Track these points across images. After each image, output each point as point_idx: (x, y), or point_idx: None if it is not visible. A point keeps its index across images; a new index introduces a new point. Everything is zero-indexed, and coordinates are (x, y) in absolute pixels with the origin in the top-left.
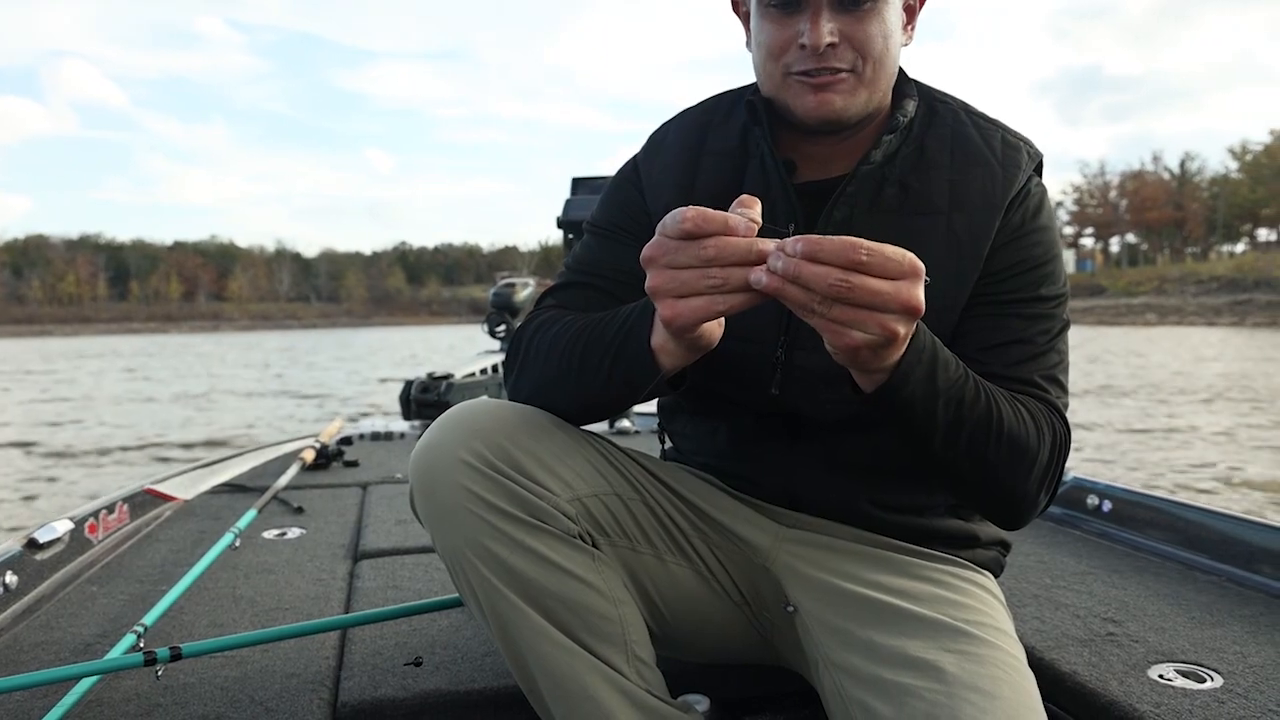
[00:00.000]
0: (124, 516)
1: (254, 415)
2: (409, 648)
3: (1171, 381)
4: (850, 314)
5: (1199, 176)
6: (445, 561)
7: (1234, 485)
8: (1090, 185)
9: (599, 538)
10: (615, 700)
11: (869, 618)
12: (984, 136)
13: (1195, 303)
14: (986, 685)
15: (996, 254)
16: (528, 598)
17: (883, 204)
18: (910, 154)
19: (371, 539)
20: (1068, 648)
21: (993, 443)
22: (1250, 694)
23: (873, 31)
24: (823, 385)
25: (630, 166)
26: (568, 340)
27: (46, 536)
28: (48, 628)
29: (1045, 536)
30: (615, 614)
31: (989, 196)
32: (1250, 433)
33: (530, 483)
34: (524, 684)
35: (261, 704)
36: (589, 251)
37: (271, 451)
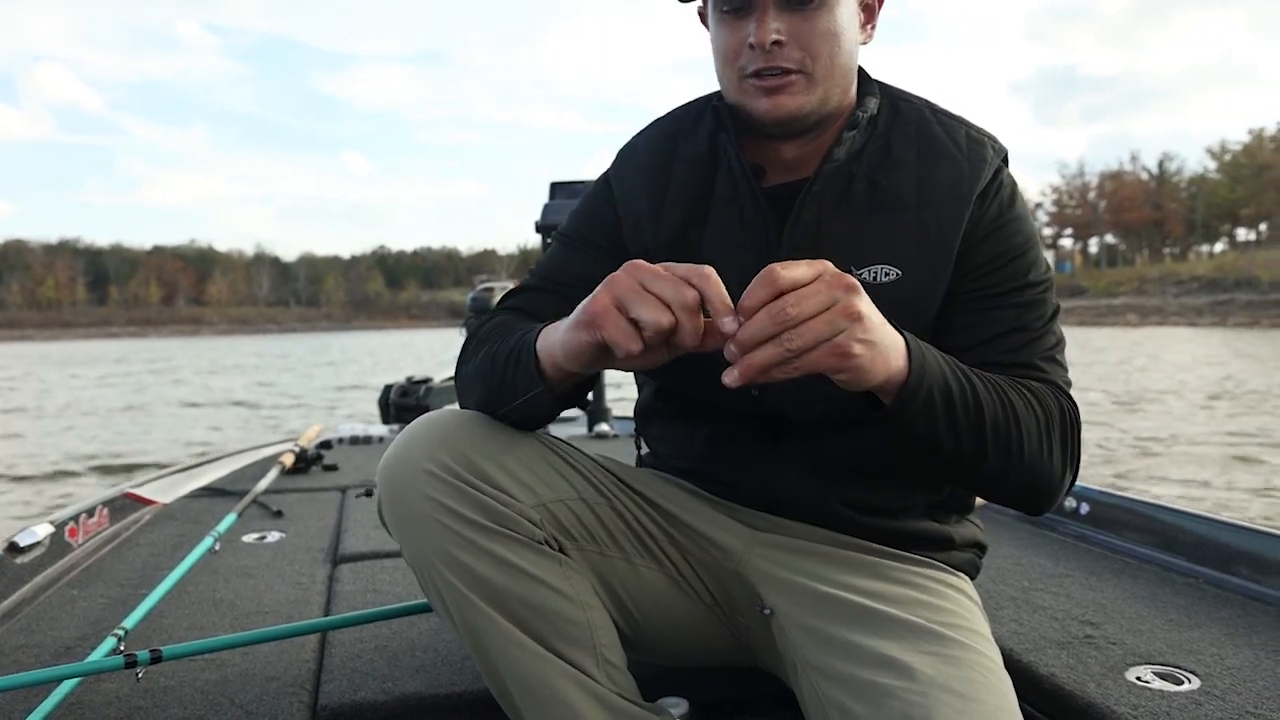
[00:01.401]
0: (104, 520)
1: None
2: (389, 651)
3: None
4: (810, 335)
5: (1178, 177)
6: (414, 570)
7: (1213, 488)
8: (1069, 186)
9: (566, 543)
10: (586, 704)
11: (845, 619)
12: (949, 132)
13: (1176, 303)
14: (962, 687)
15: (977, 248)
16: (495, 604)
17: (851, 201)
18: (877, 151)
19: (351, 543)
20: (1045, 650)
21: (1014, 428)
22: (1227, 696)
23: (820, 29)
24: (802, 385)
25: (602, 180)
26: (488, 356)
27: (27, 540)
28: (28, 631)
29: (1023, 539)
30: (583, 618)
31: (956, 190)
32: (1235, 433)
33: (495, 490)
34: (495, 689)
35: (242, 707)
36: (554, 259)
37: (251, 455)
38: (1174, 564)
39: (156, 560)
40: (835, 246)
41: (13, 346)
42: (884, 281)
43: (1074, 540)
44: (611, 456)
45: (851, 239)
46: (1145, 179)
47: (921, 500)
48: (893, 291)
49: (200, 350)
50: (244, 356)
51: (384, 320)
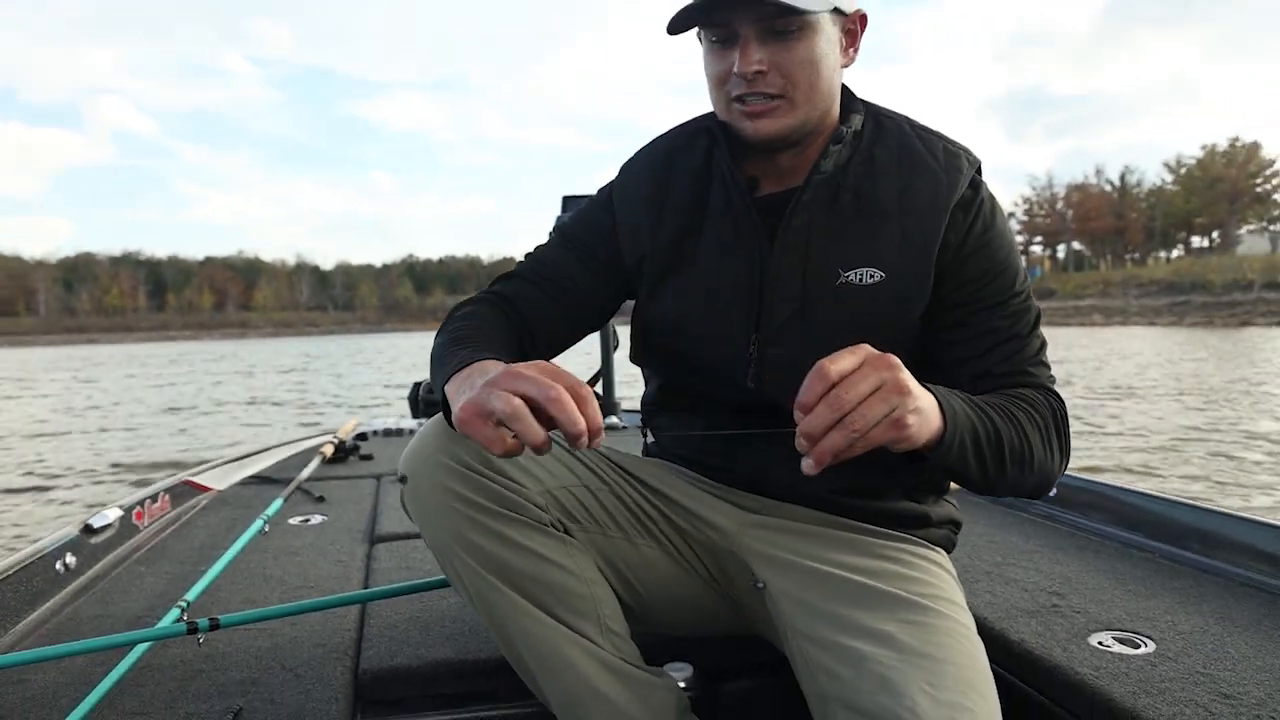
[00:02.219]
0: (166, 505)
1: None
2: (421, 621)
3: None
4: (871, 415)
5: (1138, 188)
6: (434, 552)
7: (1171, 470)
8: (1039, 197)
9: (570, 525)
10: (592, 667)
11: (830, 592)
12: (927, 146)
13: (1137, 304)
14: (936, 651)
15: (968, 262)
16: (508, 581)
17: (838, 209)
18: (862, 163)
19: (386, 524)
20: (1016, 618)
21: (1025, 446)
22: (1179, 658)
23: (799, 58)
24: (798, 375)
25: (605, 191)
26: (439, 347)
27: (99, 522)
28: (102, 602)
29: (996, 519)
30: (587, 592)
31: (935, 200)
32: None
33: (504, 479)
34: (511, 658)
35: (291, 670)
36: (547, 253)
37: (294, 447)
38: (1133, 540)
39: (213, 540)
40: (823, 250)
41: (82, 349)
42: (869, 283)
43: (1043, 520)
44: (618, 447)
45: (838, 243)
46: (1108, 190)
47: (900, 482)
48: (877, 292)
49: (250, 350)
50: (291, 358)
51: (413, 323)
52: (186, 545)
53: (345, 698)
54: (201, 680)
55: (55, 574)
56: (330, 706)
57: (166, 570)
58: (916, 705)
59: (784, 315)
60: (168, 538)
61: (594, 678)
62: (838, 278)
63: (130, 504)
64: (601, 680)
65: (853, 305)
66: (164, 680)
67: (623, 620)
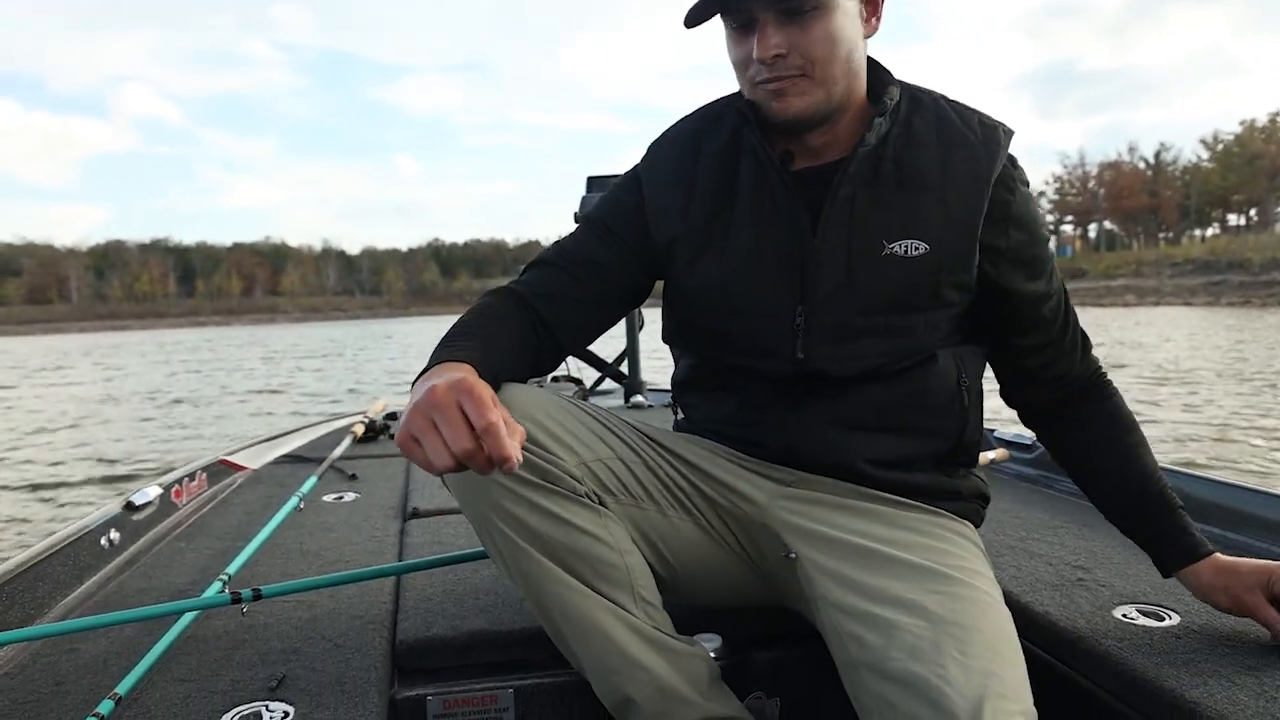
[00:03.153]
0: (203, 483)
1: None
2: (455, 594)
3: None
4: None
5: (1173, 166)
6: (473, 523)
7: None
8: (1070, 175)
9: (605, 497)
10: (625, 634)
11: (861, 563)
12: (963, 119)
13: (1171, 284)
14: (964, 620)
15: (1018, 250)
16: (545, 551)
17: (881, 181)
18: (901, 135)
19: (418, 501)
20: (1041, 591)
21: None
22: (1204, 630)
23: (817, 36)
24: (842, 345)
25: (632, 174)
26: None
27: (141, 500)
28: (146, 576)
29: (1022, 495)
30: (621, 562)
31: (975, 174)
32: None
33: (542, 451)
34: (548, 625)
35: (331, 640)
36: (574, 239)
37: (326, 427)
38: None
39: (250, 517)
40: (867, 222)
41: (113, 336)
42: (913, 255)
43: (1070, 496)
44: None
45: (882, 215)
46: (1142, 168)
47: (929, 455)
48: (921, 264)
49: (279, 335)
50: (319, 343)
51: (439, 306)
52: (224, 522)
53: (383, 666)
54: (245, 650)
55: (100, 549)
56: (369, 674)
57: (206, 546)
58: (947, 672)
59: (830, 287)
60: (206, 515)
61: (628, 645)
62: (883, 249)
63: (169, 482)
64: (635, 648)
65: (897, 277)
66: (209, 650)
67: (655, 590)
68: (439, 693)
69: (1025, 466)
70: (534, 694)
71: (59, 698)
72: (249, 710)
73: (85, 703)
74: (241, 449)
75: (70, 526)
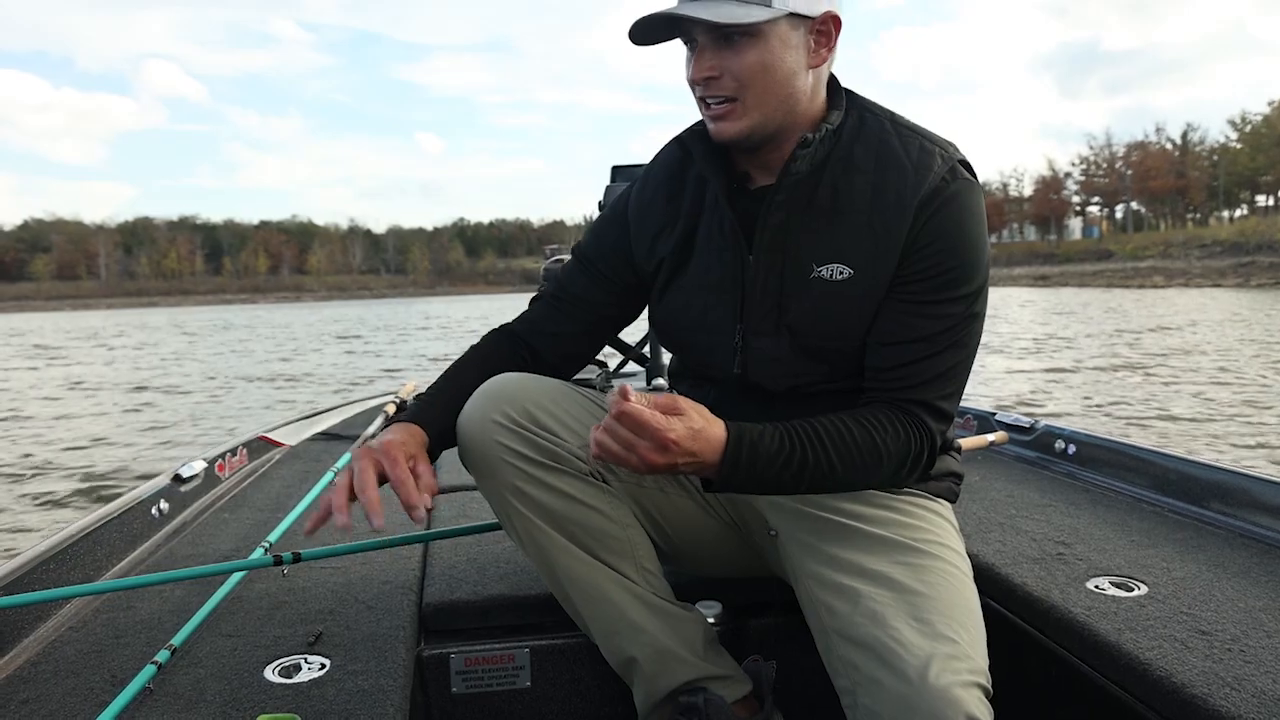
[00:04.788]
0: (244, 458)
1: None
2: (478, 563)
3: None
4: (616, 449)
5: (1200, 146)
6: (489, 501)
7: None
8: (1096, 156)
9: (608, 475)
10: (628, 601)
11: (834, 538)
12: (904, 143)
13: (1200, 265)
14: (927, 590)
15: (918, 254)
16: (554, 524)
17: (816, 205)
18: (841, 159)
19: (444, 477)
20: (1021, 565)
21: (833, 477)
22: (1168, 600)
23: (749, 62)
24: (775, 363)
25: (622, 199)
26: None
27: (188, 473)
28: (193, 543)
29: (1016, 475)
30: (624, 535)
31: (901, 197)
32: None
33: (550, 434)
34: (558, 593)
35: (363, 603)
36: (566, 274)
37: (359, 406)
38: (1143, 495)
39: (288, 490)
40: (798, 247)
41: (143, 314)
42: (838, 279)
43: (1062, 477)
44: None
45: (811, 240)
46: (1169, 149)
47: None
48: (846, 287)
49: (304, 313)
50: (350, 324)
51: (464, 286)
52: (264, 494)
53: (411, 626)
54: (286, 610)
55: (151, 518)
56: (398, 633)
57: (247, 517)
58: (902, 634)
59: (764, 308)
60: (247, 487)
61: (630, 610)
62: (811, 272)
63: (213, 456)
64: (637, 613)
65: (824, 299)
66: (253, 609)
67: (656, 560)
68: (461, 651)
69: (1023, 449)
70: (547, 654)
71: (119, 648)
72: (289, 662)
73: (143, 653)
74: (280, 426)
75: (124, 497)
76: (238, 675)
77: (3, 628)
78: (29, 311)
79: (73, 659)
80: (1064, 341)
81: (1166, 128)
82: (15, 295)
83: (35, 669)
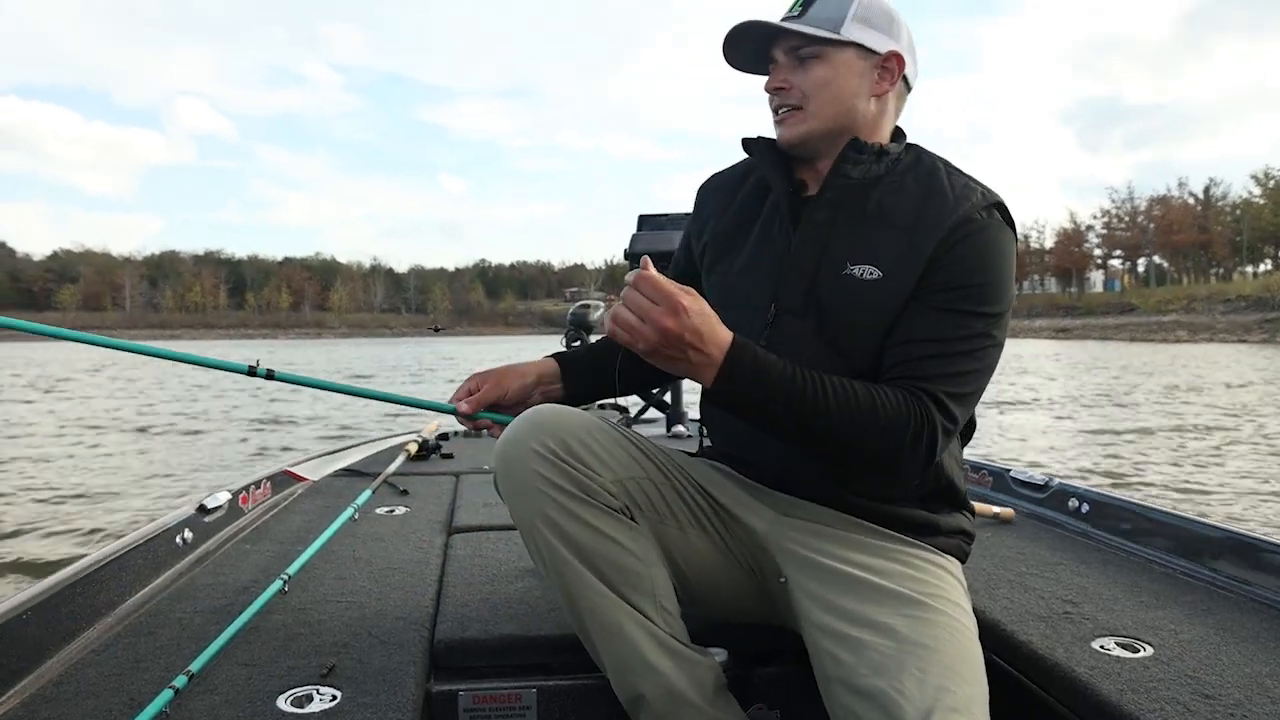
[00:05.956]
0: (267, 491)
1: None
2: (490, 603)
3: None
4: (631, 318)
5: (1223, 201)
6: (519, 527)
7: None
8: (1118, 210)
9: (636, 512)
10: (643, 638)
11: (842, 588)
12: (951, 179)
13: (1225, 320)
14: (929, 641)
15: (941, 265)
16: (579, 555)
17: (860, 214)
18: (892, 182)
19: (463, 517)
20: (1028, 622)
21: (824, 420)
22: (1173, 662)
23: (815, 77)
24: (802, 342)
25: (696, 202)
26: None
27: (212, 504)
28: (215, 573)
29: (1029, 533)
30: (646, 572)
31: (939, 218)
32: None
33: (584, 467)
34: (575, 623)
35: (376, 637)
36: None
37: (382, 444)
38: (1156, 556)
39: (309, 525)
40: (837, 245)
41: (167, 345)
42: (868, 278)
43: (1075, 535)
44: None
45: (849, 241)
46: (1191, 203)
47: (912, 491)
48: (874, 287)
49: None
50: (368, 364)
51: (483, 327)
52: (286, 528)
53: (422, 662)
54: (300, 641)
55: (175, 546)
56: (409, 669)
57: (268, 549)
58: (904, 686)
59: (797, 292)
60: (269, 520)
61: (645, 648)
62: (844, 269)
63: (237, 489)
64: (651, 651)
65: (851, 294)
66: (269, 639)
67: (675, 600)
68: (470, 689)
69: (1037, 506)
70: (554, 695)
71: (139, 672)
72: (301, 693)
73: (161, 678)
74: (304, 461)
75: (151, 525)
76: (251, 704)
77: (29, 648)
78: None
79: (94, 681)
80: (1103, 398)
81: (1189, 182)
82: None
83: (58, 689)
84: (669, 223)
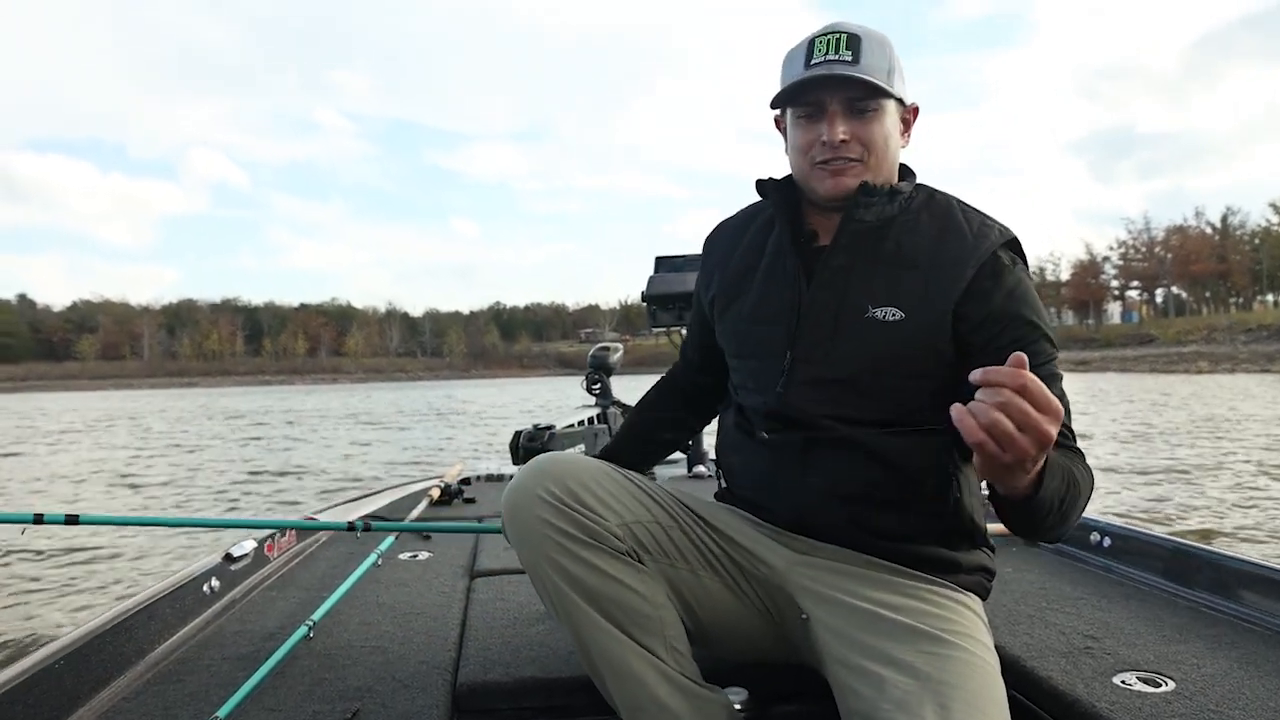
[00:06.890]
0: (293, 539)
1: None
2: (512, 646)
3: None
4: (1010, 427)
5: (1241, 230)
6: (528, 572)
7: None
8: (1134, 240)
9: (643, 555)
10: (655, 679)
11: (864, 624)
12: (966, 217)
13: (1247, 350)
14: (950, 678)
15: (997, 310)
16: (588, 599)
17: (878, 256)
18: (908, 222)
19: (485, 561)
20: (1049, 657)
21: (1078, 505)
22: (1195, 698)
23: (874, 131)
24: (821, 390)
25: (703, 255)
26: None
27: (238, 552)
28: (242, 620)
29: (1049, 566)
30: (656, 614)
31: (959, 260)
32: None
33: (589, 512)
34: (588, 667)
35: (400, 681)
36: (688, 328)
37: (405, 489)
38: (1178, 590)
39: (333, 571)
40: (856, 289)
41: (185, 393)
42: (890, 320)
43: (1096, 569)
44: (700, 493)
45: (869, 284)
46: (1209, 232)
47: (933, 530)
48: (897, 329)
49: (342, 396)
50: (387, 412)
51: (499, 369)
52: (310, 574)
53: (444, 705)
54: (325, 686)
55: (203, 594)
56: (432, 712)
57: (294, 595)
58: None
59: (817, 338)
60: (294, 567)
61: (657, 689)
62: (865, 312)
63: (263, 537)
64: (664, 692)
65: (875, 338)
66: (295, 684)
67: (686, 642)
68: None
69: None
70: None
71: (169, 719)
72: None
73: None
74: (327, 509)
75: (179, 574)
76: None
77: (62, 697)
78: (73, 390)
79: None
80: (1139, 432)
81: (1206, 211)
82: (61, 374)
83: None
84: (685, 264)
